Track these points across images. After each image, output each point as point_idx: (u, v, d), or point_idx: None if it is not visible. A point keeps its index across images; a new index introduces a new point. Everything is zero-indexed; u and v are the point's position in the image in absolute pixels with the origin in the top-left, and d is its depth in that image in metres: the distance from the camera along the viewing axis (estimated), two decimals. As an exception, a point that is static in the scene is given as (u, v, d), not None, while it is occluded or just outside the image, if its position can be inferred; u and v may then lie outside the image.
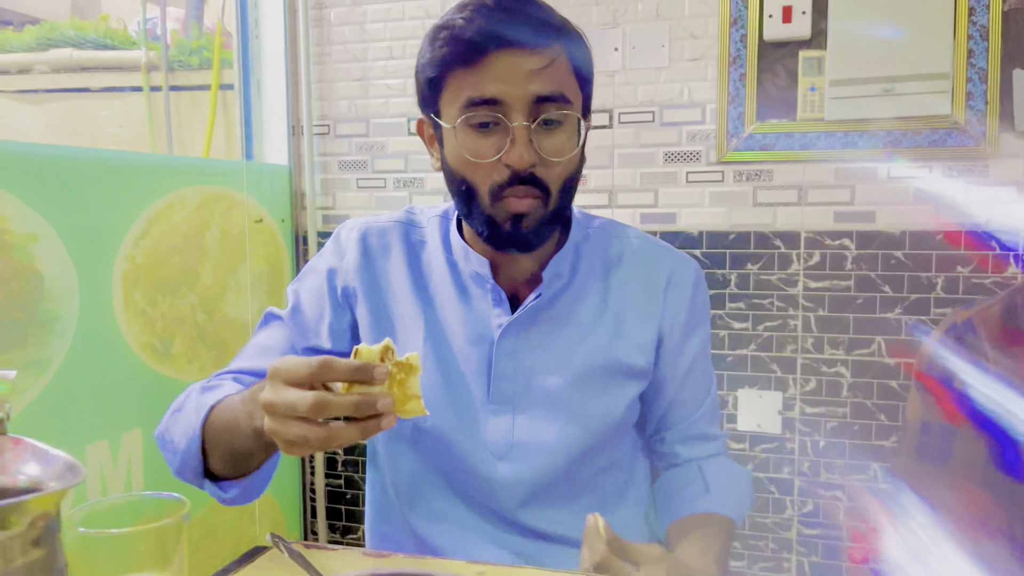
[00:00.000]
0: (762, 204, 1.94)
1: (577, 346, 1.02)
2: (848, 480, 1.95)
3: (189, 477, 0.90)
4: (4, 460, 0.50)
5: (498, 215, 0.92)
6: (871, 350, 1.90)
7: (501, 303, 1.00)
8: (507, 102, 0.89)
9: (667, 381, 1.07)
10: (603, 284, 1.05)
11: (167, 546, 0.61)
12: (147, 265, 1.71)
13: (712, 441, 1.13)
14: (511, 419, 1.00)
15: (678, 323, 1.06)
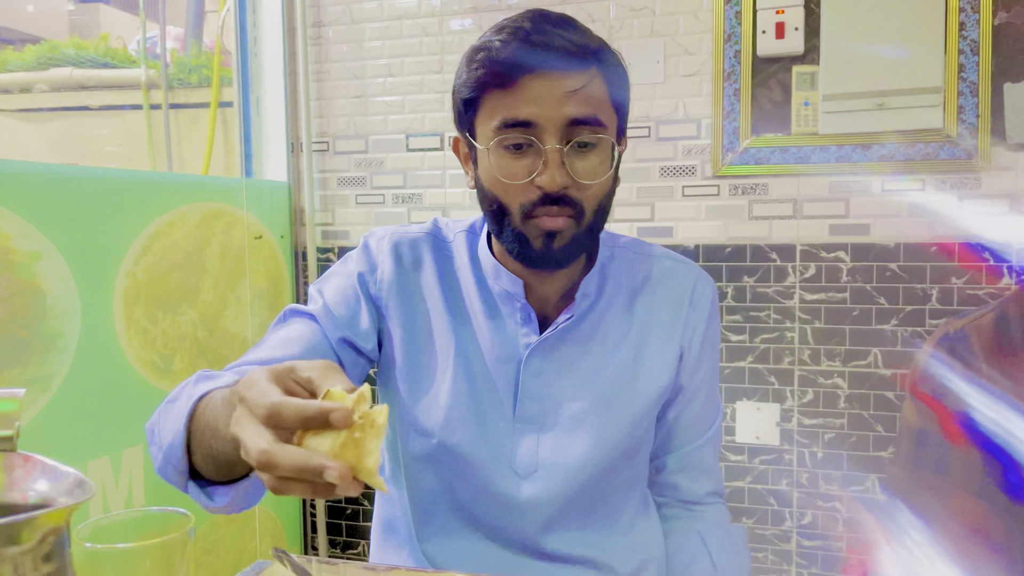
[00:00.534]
0: (757, 217, 1.96)
1: (603, 366, 1.02)
2: (846, 491, 1.96)
3: (172, 476, 0.80)
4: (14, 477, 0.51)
5: (530, 233, 0.93)
6: (867, 361, 1.91)
7: (530, 323, 1.01)
8: (540, 124, 0.89)
9: (676, 398, 1.07)
10: (628, 304, 1.05)
11: (173, 561, 0.62)
12: (148, 282, 1.73)
13: (711, 477, 1.12)
14: (536, 439, 1.00)
15: (696, 341, 1.06)
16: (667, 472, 1.12)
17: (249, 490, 0.82)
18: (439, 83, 2.15)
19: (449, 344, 1.01)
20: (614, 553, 1.05)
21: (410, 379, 1.02)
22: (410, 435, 1.02)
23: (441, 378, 1.01)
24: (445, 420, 1.00)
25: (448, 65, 2.14)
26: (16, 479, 0.50)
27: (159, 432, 0.82)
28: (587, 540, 1.03)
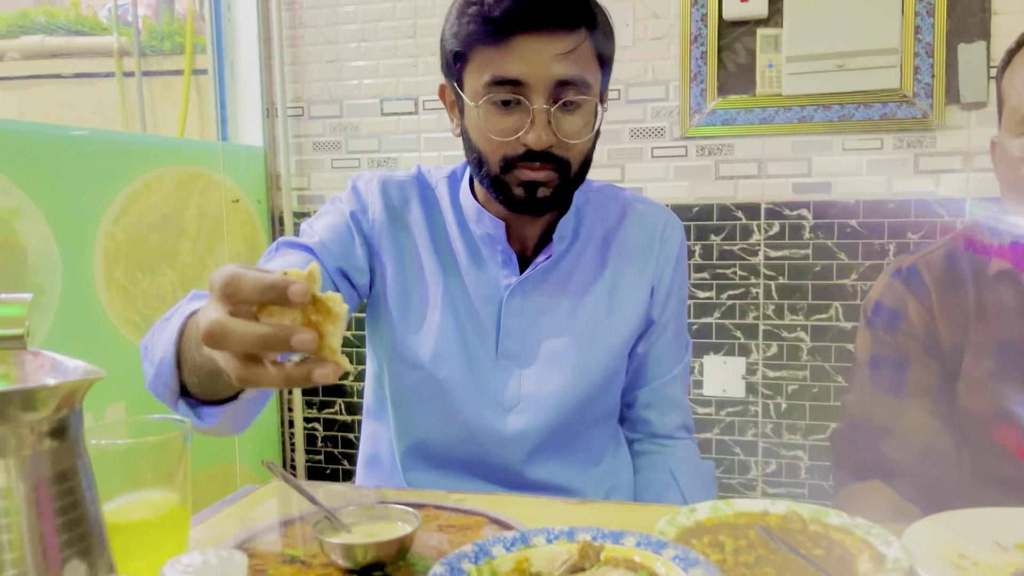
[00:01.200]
0: (724, 177, 2.02)
1: (579, 304, 1.07)
2: (809, 440, 2.04)
3: (162, 392, 0.80)
4: (27, 370, 0.55)
5: (510, 182, 0.96)
6: (829, 315, 1.99)
7: (510, 264, 1.05)
8: (529, 84, 0.91)
9: (647, 333, 1.12)
10: (602, 245, 1.10)
11: (170, 463, 0.67)
12: (127, 242, 1.75)
13: (680, 412, 1.17)
14: (519, 374, 1.06)
15: (666, 278, 1.11)
16: (638, 407, 1.17)
17: (239, 412, 0.82)
18: (412, 48, 2.18)
19: (437, 283, 1.06)
20: (587, 482, 1.11)
21: (401, 315, 1.06)
22: (399, 368, 1.07)
23: (431, 316, 1.05)
24: (434, 354, 1.04)
25: (421, 30, 2.17)
26: (28, 372, 0.55)
27: (151, 348, 0.83)
28: (564, 471, 1.09)
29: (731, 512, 0.80)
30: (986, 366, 0.98)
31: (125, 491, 0.66)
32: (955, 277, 1.02)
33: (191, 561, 0.51)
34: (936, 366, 1.02)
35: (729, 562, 0.69)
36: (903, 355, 1.03)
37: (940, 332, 1.01)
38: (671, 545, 0.70)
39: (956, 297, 1.01)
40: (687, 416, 1.19)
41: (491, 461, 1.07)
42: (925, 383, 1.02)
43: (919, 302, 1.02)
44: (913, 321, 1.02)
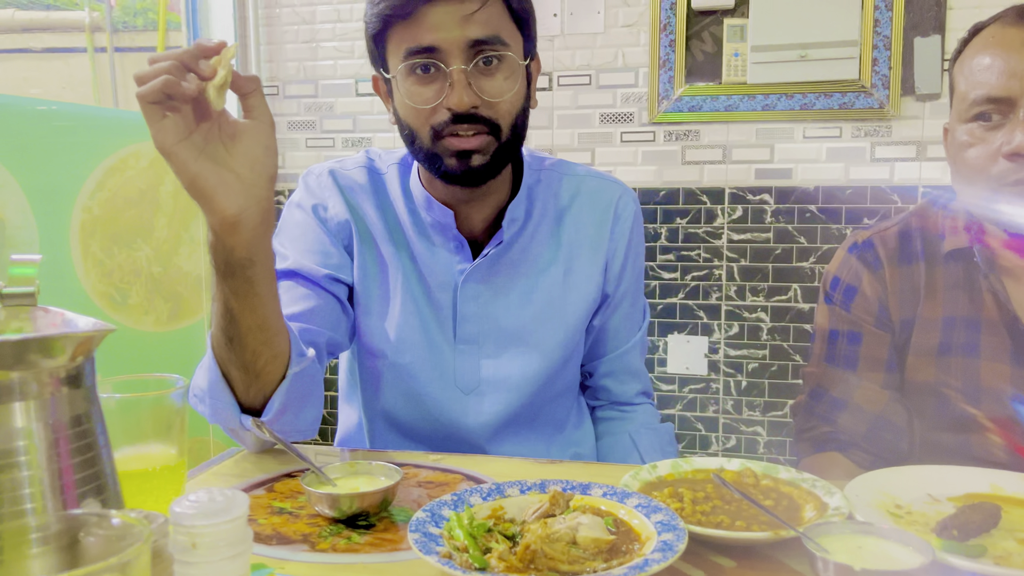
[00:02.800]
0: (690, 162, 2.09)
1: (534, 287, 1.09)
2: (767, 416, 2.13)
3: (224, 415, 0.88)
4: (38, 325, 0.59)
5: (442, 152, 0.97)
6: (788, 296, 2.07)
7: (462, 250, 1.06)
8: (443, 48, 0.93)
9: (603, 306, 1.15)
10: (555, 224, 1.11)
11: (168, 417, 0.71)
12: (104, 217, 1.77)
13: (639, 379, 1.21)
14: (477, 358, 1.08)
15: (620, 252, 1.13)
16: (597, 376, 1.21)
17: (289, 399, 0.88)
18: (388, 30, 2.20)
19: (396, 271, 1.08)
20: (551, 451, 1.16)
21: (364, 305, 1.08)
22: (365, 355, 1.11)
23: (392, 303, 1.08)
24: (396, 341, 1.08)
25: (396, 12, 2.20)
26: (40, 327, 0.59)
27: (198, 385, 0.90)
28: (529, 444, 1.14)
29: (690, 468, 0.87)
30: (933, 340, 1.02)
31: (126, 444, 0.71)
32: (908, 253, 1.06)
33: (198, 498, 0.56)
34: (888, 339, 1.07)
35: (688, 510, 0.75)
36: (857, 329, 1.08)
37: (891, 306, 1.06)
38: (635, 495, 0.76)
39: (908, 272, 1.05)
40: (646, 383, 1.23)
41: (456, 440, 1.11)
42: (877, 356, 1.07)
43: (873, 276, 1.06)
44: (867, 294, 1.07)
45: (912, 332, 1.05)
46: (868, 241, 1.09)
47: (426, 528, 0.68)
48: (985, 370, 1.00)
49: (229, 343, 0.85)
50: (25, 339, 0.51)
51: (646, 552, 0.65)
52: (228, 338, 0.84)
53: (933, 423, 1.05)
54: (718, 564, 0.69)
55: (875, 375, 1.08)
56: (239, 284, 0.82)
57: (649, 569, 0.61)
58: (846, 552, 0.65)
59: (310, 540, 0.74)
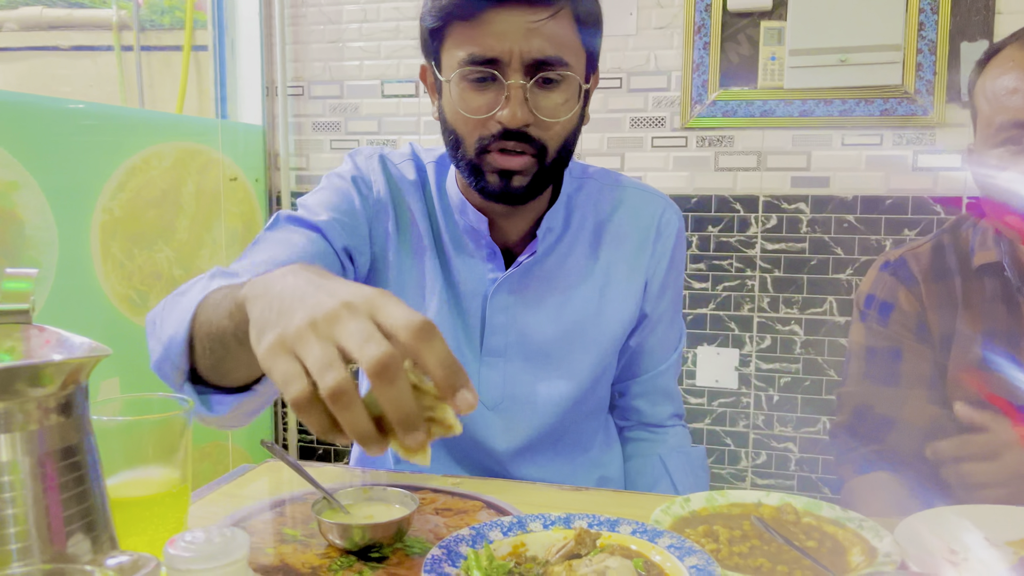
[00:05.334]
0: (723, 169, 2.02)
1: (568, 301, 1.03)
2: (800, 433, 2.06)
3: (168, 373, 0.74)
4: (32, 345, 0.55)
5: (485, 167, 0.92)
6: (823, 309, 2.00)
7: (495, 259, 1.01)
8: (503, 59, 0.88)
9: (640, 327, 1.09)
10: (594, 238, 1.05)
11: (171, 440, 0.67)
12: (124, 218, 1.74)
13: (672, 401, 1.16)
14: (503, 372, 1.03)
15: (660, 271, 1.07)
16: (629, 397, 1.16)
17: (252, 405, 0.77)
18: (414, 29, 2.16)
19: (430, 273, 1.03)
20: (576, 473, 1.11)
21: None
22: None
23: (427, 305, 1.02)
24: None
25: (424, 12, 2.16)
26: (34, 347, 0.55)
27: (160, 324, 0.77)
28: (552, 465, 1.08)
29: (725, 503, 0.81)
30: (973, 355, 1.00)
31: (126, 468, 0.67)
32: (942, 269, 1.05)
33: (194, 538, 0.52)
34: (929, 354, 1.04)
35: (723, 551, 0.70)
36: (897, 344, 1.05)
37: (930, 321, 1.03)
38: (667, 534, 0.71)
39: (944, 288, 1.03)
40: (678, 405, 1.18)
41: (477, 457, 1.06)
42: (920, 371, 1.04)
43: (909, 292, 1.04)
44: (904, 310, 1.04)
45: (952, 347, 1.02)
46: (901, 259, 1.08)
47: (442, 568, 0.63)
48: None
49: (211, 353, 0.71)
50: (12, 367, 0.47)
51: (680, 603, 0.60)
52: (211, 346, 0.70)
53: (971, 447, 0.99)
54: (757, 615, 0.63)
55: (920, 391, 1.04)
56: None
57: (684, 625, 0.55)
58: (900, 608, 0.59)
59: (319, 574, 0.69)
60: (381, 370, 0.48)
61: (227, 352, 0.68)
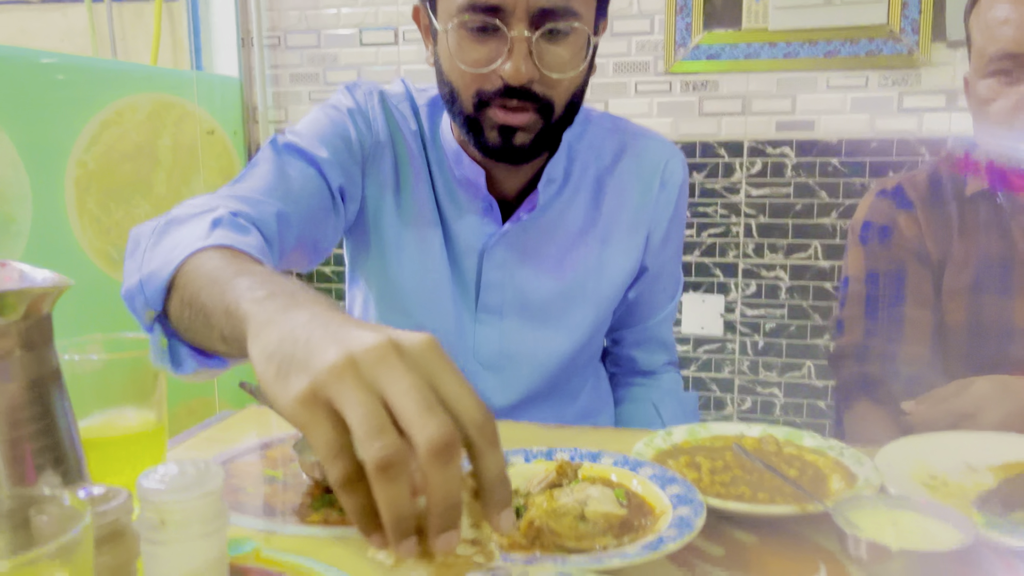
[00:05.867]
0: (708, 114, 2.00)
1: (567, 257, 0.99)
2: (785, 378, 2.07)
3: (139, 308, 0.66)
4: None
5: (485, 123, 0.85)
6: (808, 254, 2.00)
7: (492, 212, 0.95)
8: (507, 8, 0.80)
9: (640, 279, 1.06)
10: (595, 189, 1.00)
11: (145, 380, 0.66)
12: (99, 172, 1.71)
13: (667, 349, 1.14)
14: (499, 330, 0.99)
15: (663, 223, 1.03)
16: (624, 346, 1.14)
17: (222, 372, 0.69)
18: (392, -25, 2.11)
19: (432, 226, 0.97)
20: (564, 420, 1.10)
21: (396, 253, 0.97)
22: (385, 310, 1.01)
23: (415, 258, 0.97)
24: (412, 297, 0.98)
25: (401, -43, 2.10)
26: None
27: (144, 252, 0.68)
28: (542, 416, 1.06)
29: (707, 435, 0.81)
30: (967, 279, 1.01)
31: (100, 408, 0.66)
32: (939, 196, 1.06)
33: (167, 471, 0.51)
34: (928, 276, 1.05)
35: (705, 481, 0.70)
36: (899, 266, 1.05)
37: (928, 245, 1.05)
38: (648, 464, 0.71)
39: (940, 214, 1.05)
40: (672, 352, 1.16)
41: None
42: (923, 292, 1.05)
43: (907, 215, 1.06)
44: (904, 234, 1.05)
45: (945, 272, 1.04)
46: (898, 186, 1.09)
47: (422, 500, 0.63)
48: (1019, 310, 0.98)
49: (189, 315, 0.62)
50: (-31, 296, 0.45)
51: (661, 528, 0.60)
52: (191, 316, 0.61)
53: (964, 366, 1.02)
54: (739, 540, 0.64)
55: (923, 312, 1.05)
56: None
57: (664, 548, 0.55)
58: (879, 528, 0.59)
59: (300, 512, 0.69)
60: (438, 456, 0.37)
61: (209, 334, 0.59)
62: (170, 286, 0.64)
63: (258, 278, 0.55)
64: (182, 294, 0.62)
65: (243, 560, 0.60)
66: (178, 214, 0.71)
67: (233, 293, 0.53)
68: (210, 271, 0.60)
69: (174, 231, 0.68)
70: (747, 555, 0.61)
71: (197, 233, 0.66)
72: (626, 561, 0.54)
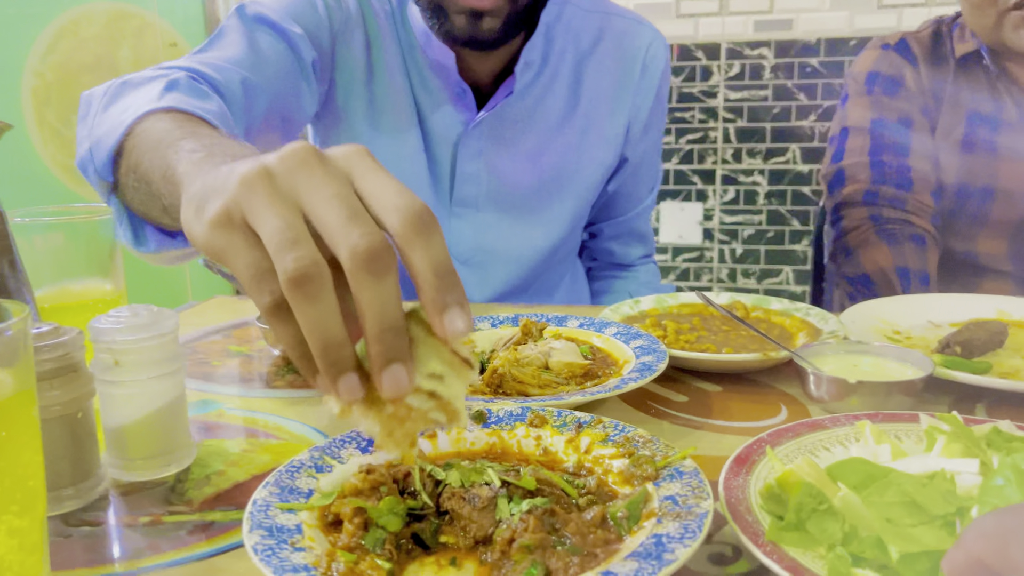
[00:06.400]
0: (684, 15, 1.95)
1: (546, 146, 0.95)
2: (763, 284, 2.08)
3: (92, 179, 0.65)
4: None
5: (449, 7, 0.81)
6: (786, 158, 1.99)
7: (465, 99, 0.91)
8: None
9: (619, 170, 1.04)
10: (575, 73, 0.95)
11: (100, 248, 0.64)
12: (58, 83, 1.66)
13: (645, 243, 1.12)
14: (474, 224, 0.96)
15: (644, 111, 0.99)
16: (602, 239, 1.12)
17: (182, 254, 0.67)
18: None
19: (407, 112, 0.92)
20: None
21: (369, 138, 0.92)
22: None
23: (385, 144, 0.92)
24: None
25: None
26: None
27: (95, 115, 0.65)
28: None
29: (675, 303, 0.81)
30: (956, 135, 1.03)
31: (54, 279, 0.64)
32: (939, 54, 1.07)
33: (120, 313, 0.50)
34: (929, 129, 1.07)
35: (670, 338, 0.70)
36: (906, 115, 1.06)
37: (929, 101, 1.06)
38: (613, 324, 0.71)
39: (940, 71, 1.06)
40: (650, 245, 1.14)
41: None
42: (926, 143, 1.06)
43: (913, 70, 1.07)
44: (910, 87, 1.06)
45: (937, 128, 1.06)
46: (903, 40, 1.09)
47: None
48: (1003, 170, 0.99)
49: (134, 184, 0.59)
50: None
51: (623, 374, 0.60)
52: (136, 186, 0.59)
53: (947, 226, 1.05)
54: (703, 389, 0.64)
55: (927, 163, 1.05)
56: None
57: (626, 387, 0.56)
58: (840, 370, 0.60)
59: (266, 379, 0.69)
60: (366, 267, 0.33)
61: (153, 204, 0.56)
62: (119, 153, 0.61)
63: (204, 140, 0.50)
64: (128, 161, 0.59)
65: (207, 418, 0.60)
66: (133, 77, 0.68)
67: (174, 156, 0.49)
68: (156, 135, 0.56)
69: (127, 94, 0.65)
70: (710, 401, 0.61)
71: (149, 96, 0.63)
72: (587, 398, 0.54)
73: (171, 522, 0.45)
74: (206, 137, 0.52)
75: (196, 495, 0.48)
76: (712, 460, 0.50)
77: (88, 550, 0.43)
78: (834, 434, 0.49)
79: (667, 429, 0.56)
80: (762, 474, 0.44)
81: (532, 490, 0.41)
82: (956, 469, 0.41)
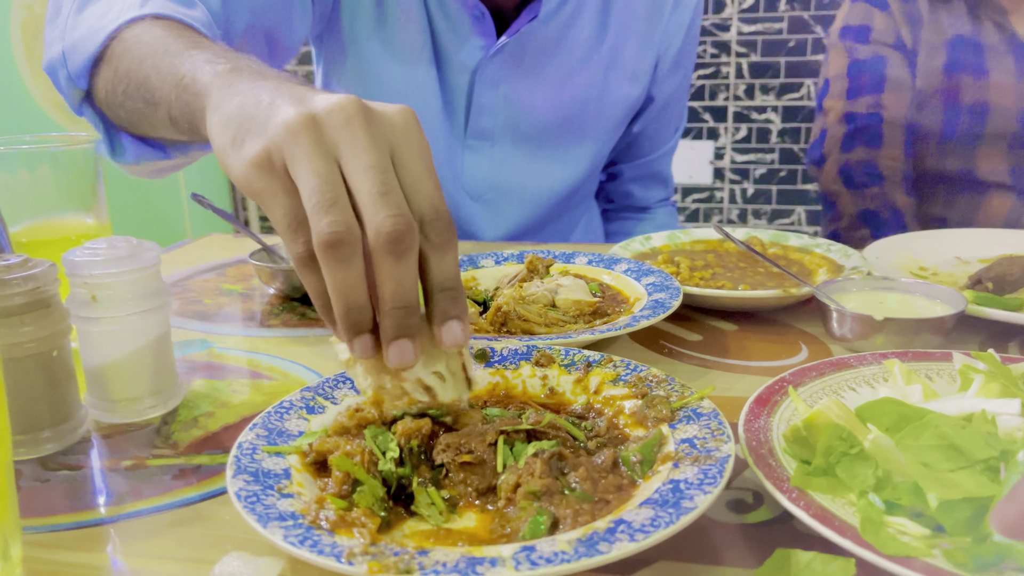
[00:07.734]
0: (698, -57, 1.87)
1: (569, 78, 0.89)
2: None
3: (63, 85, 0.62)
4: None
5: None
6: (801, 94, 1.92)
7: (484, 22, 0.84)
8: None
9: (645, 110, 0.98)
10: (603, 2, 0.89)
11: (80, 179, 0.61)
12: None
13: (665, 186, 1.08)
14: (489, 158, 0.91)
15: (673, 48, 0.94)
16: (622, 181, 1.07)
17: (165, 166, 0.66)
18: None
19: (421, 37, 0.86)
20: None
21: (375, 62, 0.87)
22: None
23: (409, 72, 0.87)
24: None
25: None
26: None
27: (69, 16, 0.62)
28: None
29: (688, 240, 0.77)
30: (939, 60, 1.01)
31: (33, 212, 0.61)
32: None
33: (96, 246, 0.47)
34: (905, 62, 1.05)
35: (684, 275, 0.67)
36: (881, 53, 1.06)
37: (903, 35, 1.05)
38: (624, 261, 0.67)
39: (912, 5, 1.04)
40: (670, 188, 1.09)
41: None
42: (902, 76, 1.05)
43: (882, 13, 1.06)
44: (880, 28, 1.06)
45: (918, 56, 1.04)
46: None
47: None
48: (993, 89, 0.98)
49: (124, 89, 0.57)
50: None
51: (635, 312, 0.57)
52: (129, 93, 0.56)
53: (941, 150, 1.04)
54: (718, 328, 0.61)
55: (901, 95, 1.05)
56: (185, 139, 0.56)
57: (638, 324, 0.52)
58: (865, 307, 0.56)
59: (260, 318, 0.66)
60: (389, 247, 0.34)
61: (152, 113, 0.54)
62: (99, 58, 0.59)
63: (216, 51, 0.49)
64: (116, 66, 0.57)
65: (197, 358, 0.57)
66: None
67: (188, 65, 0.48)
68: (153, 42, 0.55)
69: None
70: (725, 340, 0.58)
71: (130, 1, 0.59)
72: (596, 336, 0.51)
73: (155, 466, 0.43)
74: (214, 48, 0.51)
75: (183, 438, 0.46)
76: (729, 401, 0.47)
77: (67, 495, 0.40)
78: (860, 373, 0.46)
79: (681, 369, 0.53)
80: (785, 416, 0.41)
81: (537, 432, 0.38)
82: (996, 410, 0.38)
